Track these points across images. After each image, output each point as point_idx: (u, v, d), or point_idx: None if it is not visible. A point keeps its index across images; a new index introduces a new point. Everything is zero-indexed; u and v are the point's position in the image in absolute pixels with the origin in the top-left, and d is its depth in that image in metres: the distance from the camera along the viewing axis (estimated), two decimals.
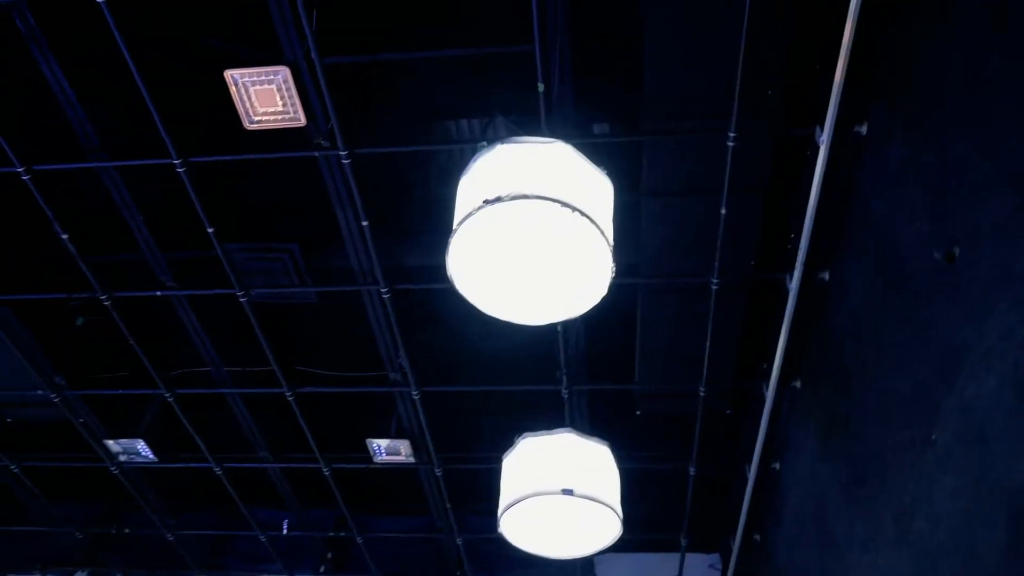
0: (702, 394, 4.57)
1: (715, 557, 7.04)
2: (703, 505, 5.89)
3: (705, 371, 4.41)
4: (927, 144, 2.55)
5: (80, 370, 5.21)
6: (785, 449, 4.56)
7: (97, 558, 6.92)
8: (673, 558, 6.60)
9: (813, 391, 3.99)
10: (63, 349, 5.11)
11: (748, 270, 4.06)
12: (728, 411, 5.08)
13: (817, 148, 3.19)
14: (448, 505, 5.66)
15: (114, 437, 5.37)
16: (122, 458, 5.55)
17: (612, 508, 3.30)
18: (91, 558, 6.97)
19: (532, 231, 2.36)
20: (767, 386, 4.33)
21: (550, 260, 2.44)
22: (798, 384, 4.24)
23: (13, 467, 5.86)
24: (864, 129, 3.11)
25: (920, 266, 2.61)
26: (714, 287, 3.94)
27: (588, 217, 2.27)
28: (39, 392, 5.18)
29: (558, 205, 2.22)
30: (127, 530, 6.54)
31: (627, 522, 3.55)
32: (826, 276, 3.67)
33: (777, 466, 4.70)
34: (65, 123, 3.86)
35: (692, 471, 5.14)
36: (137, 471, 5.77)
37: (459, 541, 6.06)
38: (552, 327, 4.13)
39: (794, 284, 3.71)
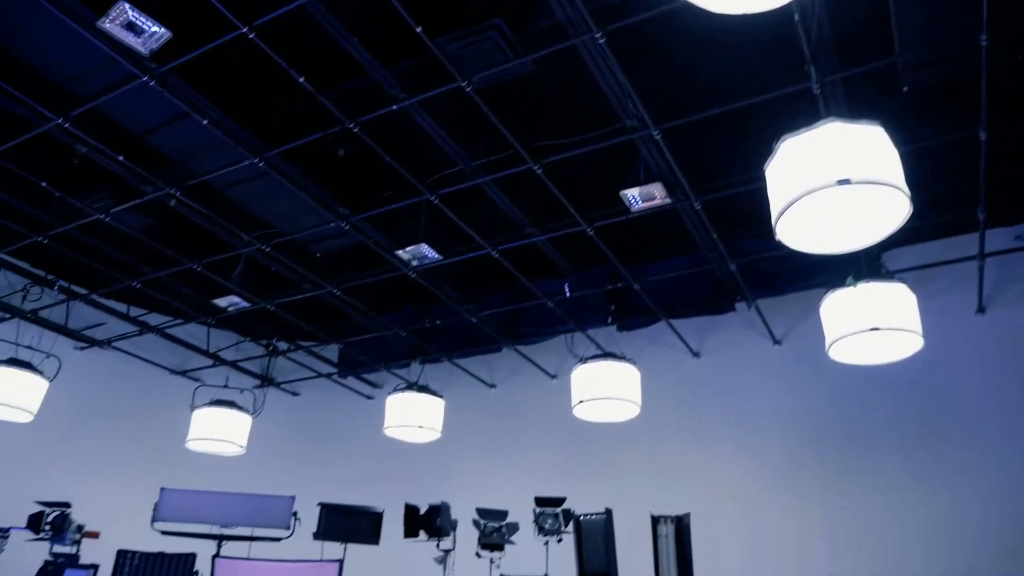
0: (984, 44, 3.93)
1: (1021, 228, 6.41)
2: (1000, 173, 5.29)
3: (984, 14, 3.75)
4: None
5: (356, 197, 5.84)
6: None
7: (423, 349, 8.14)
8: (970, 239, 6.14)
9: None
10: (337, 182, 5.72)
11: None
12: (1021, 56, 4.35)
13: None
14: (714, 235, 5.70)
15: (402, 247, 6.05)
16: (414, 263, 6.27)
17: (896, 186, 3.07)
18: (418, 350, 8.21)
19: None
20: None
21: None
22: None
23: (335, 291, 6.94)
24: None
25: None
26: None
27: None
28: (332, 224, 5.96)
29: None
30: (438, 322, 7.55)
31: (913, 207, 3.29)
32: None
33: None
34: None
35: (983, 136, 4.58)
36: (430, 271, 6.52)
37: (732, 267, 6.14)
38: (789, 17, 3.74)
39: None
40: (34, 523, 5.77)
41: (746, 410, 7.38)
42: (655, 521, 5.58)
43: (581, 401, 6.11)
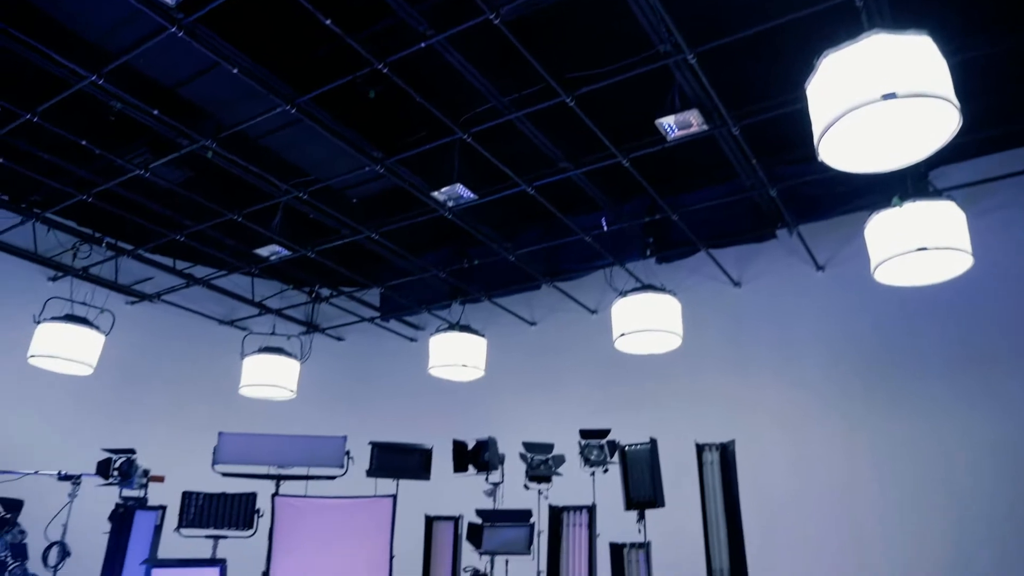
0: None
1: None
2: None
3: None
4: None
5: (389, 140, 5.82)
6: None
7: (463, 290, 8.22)
8: (1022, 153, 5.91)
9: None
10: (370, 125, 5.70)
11: None
12: None
13: None
14: (754, 161, 5.58)
15: (437, 188, 6.04)
16: (450, 204, 6.27)
17: (944, 98, 2.95)
18: (458, 291, 8.29)
19: None
20: None
21: None
22: None
23: (374, 235, 6.99)
24: None
25: None
26: None
27: None
28: (366, 168, 5.97)
29: None
30: (476, 262, 7.59)
31: (963, 120, 3.16)
32: None
33: None
34: None
35: None
36: (466, 211, 6.52)
37: (773, 193, 6.02)
38: None
39: None
40: (103, 469, 6.05)
41: (789, 338, 7.34)
42: (700, 449, 5.64)
43: (622, 334, 6.13)
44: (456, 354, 7.14)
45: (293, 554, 6.22)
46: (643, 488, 5.73)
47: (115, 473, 6.06)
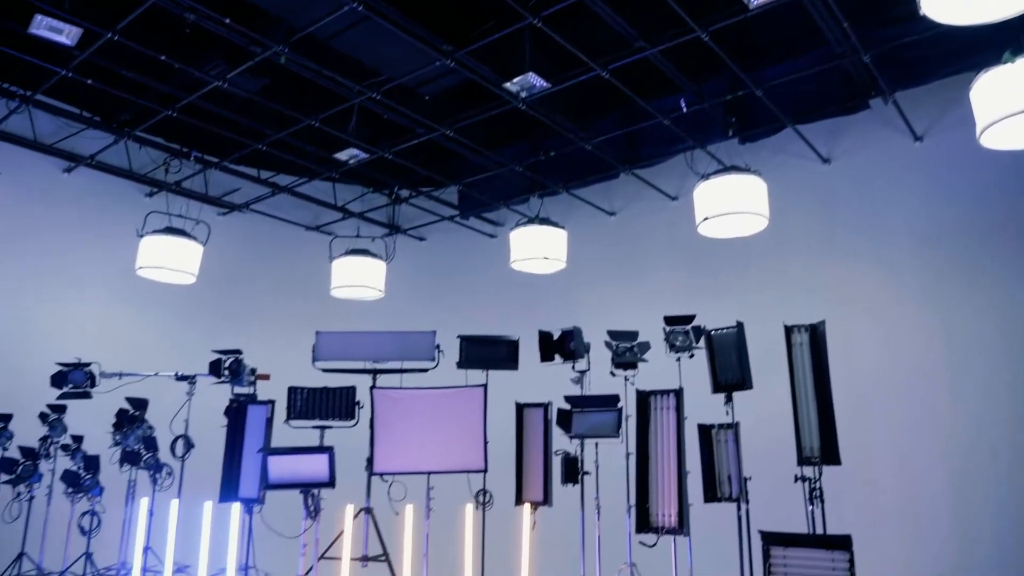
0: None
1: None
2: None
3: None
4: None
5: (458, 32, 5.68)
6: None
7: (540, 183, 8.16)
8: None
9: None
10: (438, 18, 5.57)
11: None
12: None
13: None
14: (845, 25, 5.19)
15: (509, 79, 5.91)
16: (523, 94, 6.15)
17: None
18: (535, 184, 8.24)
19: None
20: None
21: None
22: None
23: (448, 132, 6.96)
24: None
25: None
26: None
27: None
28: (437, 63, 5.88)
29: None
30: (552, 153, 7.47)
31: None
32: None
33: None
34: None
35: None
36: (540, 101, 6.37)
37: (866, 59, 5.62)
38: None
39: None
40: (215, 369, 6.51)
41: (883, 216, 7.02)
42: (788, 331, 5.57)
43: (706, 218, 6.01)
44: (537, 247, 7.18)
45: (394, 441, 6.61)
46: (730, 371, 5.74)
47: (226, 372, 6.51)
